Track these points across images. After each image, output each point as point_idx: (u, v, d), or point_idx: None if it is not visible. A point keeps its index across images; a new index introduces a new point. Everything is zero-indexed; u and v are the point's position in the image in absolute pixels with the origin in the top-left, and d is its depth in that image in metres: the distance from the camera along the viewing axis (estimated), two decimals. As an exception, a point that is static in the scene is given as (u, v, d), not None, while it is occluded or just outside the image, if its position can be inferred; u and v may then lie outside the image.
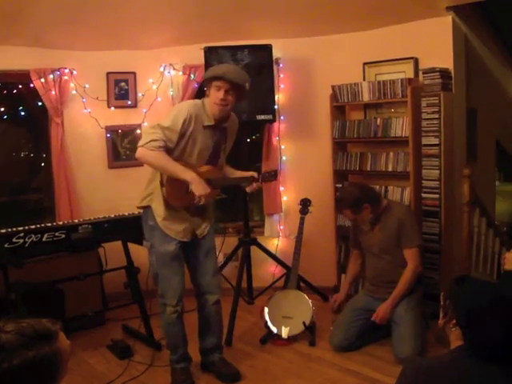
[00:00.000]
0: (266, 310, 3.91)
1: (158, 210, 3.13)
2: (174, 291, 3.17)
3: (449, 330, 1.86)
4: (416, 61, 4.30)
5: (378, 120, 4.31)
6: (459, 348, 1.73)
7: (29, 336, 1.39)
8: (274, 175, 3.23)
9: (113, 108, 4.83)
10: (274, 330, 3.85)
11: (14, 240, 3.30)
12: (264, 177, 3.22)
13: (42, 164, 5.06)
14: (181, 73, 4.75)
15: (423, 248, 3.82)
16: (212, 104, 3.06)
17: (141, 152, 2.98)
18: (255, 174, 3.23)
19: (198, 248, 3.28)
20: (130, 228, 3.81)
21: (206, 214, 3.32)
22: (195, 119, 3.04)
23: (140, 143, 3.00)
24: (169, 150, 3.01)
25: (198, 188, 2.99)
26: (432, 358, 2.77)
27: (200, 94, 4.46)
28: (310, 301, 3.91)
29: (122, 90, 4.84)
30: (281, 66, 4.73)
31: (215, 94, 3.03)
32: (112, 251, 4.12)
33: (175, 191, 3.07)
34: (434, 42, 4.20)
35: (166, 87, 4.80)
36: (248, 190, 3.26)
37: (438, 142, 4.01)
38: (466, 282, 1.84)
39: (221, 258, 4.22)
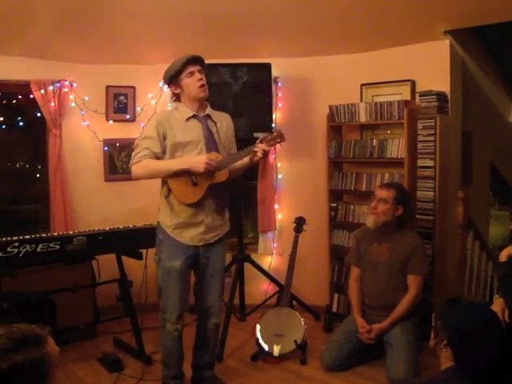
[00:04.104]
0: (258, 327, 3.90)
1: (166, 221, 3.13)
2: (174, 308, 3.13)
3: (440, 351, 1.87)
4: (413, 83, 4.35)
5: (374, 141, 4.34)
6: (450, 369, 1.74)
7: (18, 340, 1.39)
8: (279, 135, 3.05)
9: (111, 121, 4.85)
10: (266, 347, 3.83)
11: (8, 249, 3.30)
12: (268, 140, 3.04)
13: (39, 175, 5.06)
14: (180, 89, 4.77)
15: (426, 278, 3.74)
16: (194, 91, 3.06)
17: (132, 170, 3.11)
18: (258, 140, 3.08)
19: (206, 266, 3.21)
20: (124, 241, 3.81)
21: (224, 211, 3.24)
22: (168, 120, 3.08)
23: (129, 165, 3.13)
24: (163, 157, 3.08)
25: (197, 164, 2.96)
26: (422, 378, 2.76)
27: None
28: (302, 319, 3.90)
29: (120, 103, 4.86)
30: (279, 84, 4.77)
31: (192, 80, 3.05)
32: (105, 264, 4.11)
33: (183, 189, 3.04)
34: (431, 65, 4.25)
35: (164, 102, 4.80)
36: (257, 157, 3.05)
37: (433, 165, 4.05)
38: (458, 304, 1.85)
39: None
